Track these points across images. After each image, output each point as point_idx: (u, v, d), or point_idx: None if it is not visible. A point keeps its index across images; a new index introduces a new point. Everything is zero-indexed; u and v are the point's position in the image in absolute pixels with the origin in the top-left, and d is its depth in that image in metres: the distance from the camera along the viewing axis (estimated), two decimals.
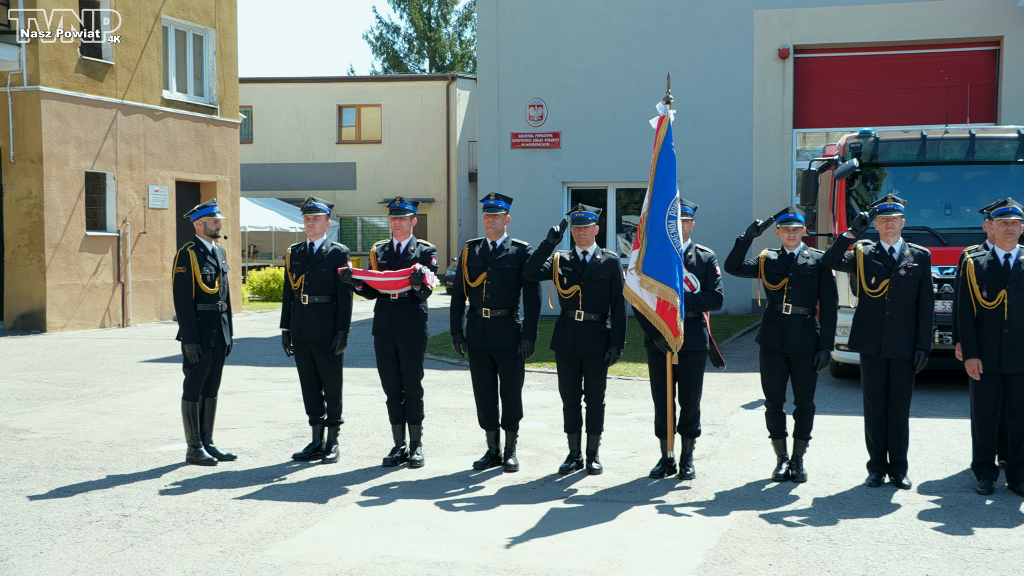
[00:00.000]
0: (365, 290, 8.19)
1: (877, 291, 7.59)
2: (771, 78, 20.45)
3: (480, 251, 8.05)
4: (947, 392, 11.41)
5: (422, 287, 7.93)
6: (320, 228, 8.46)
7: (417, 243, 8.30)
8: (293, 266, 8.48)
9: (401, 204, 8.27)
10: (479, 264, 8.00)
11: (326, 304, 8.36)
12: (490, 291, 7.96)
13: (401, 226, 8.24)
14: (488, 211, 8.02)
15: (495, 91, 21.36)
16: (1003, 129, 12.77)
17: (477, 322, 8.00)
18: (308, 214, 8.46)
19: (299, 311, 8.39)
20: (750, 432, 9.47)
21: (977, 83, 19.43)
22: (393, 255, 8.24)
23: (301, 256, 8.48)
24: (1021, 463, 7.35)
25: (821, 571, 5.70)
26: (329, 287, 8.34)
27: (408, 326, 8.16)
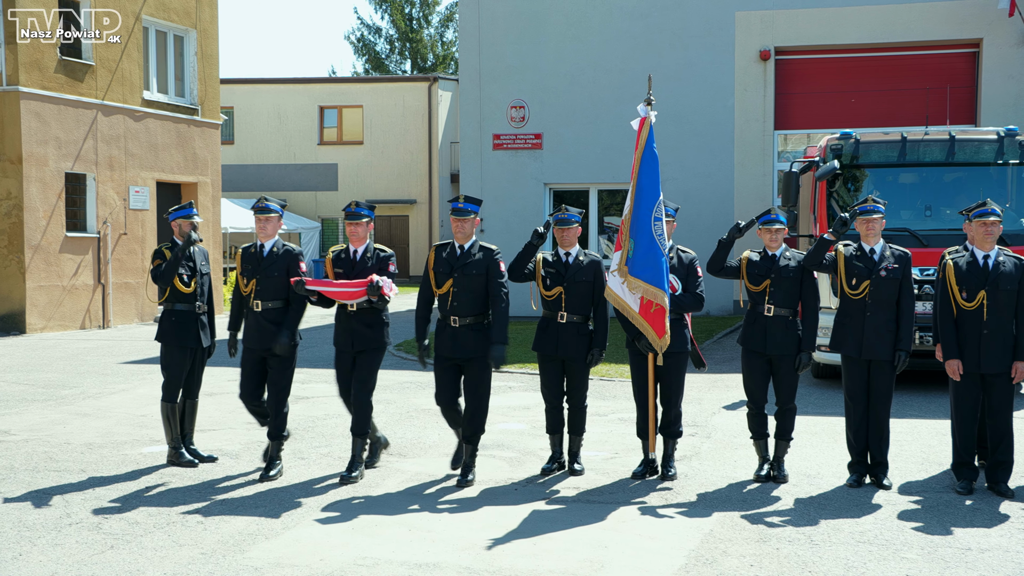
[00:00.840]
0: (320, 300, 7.78)
1: (858, 292, 7.62)
2: (752, 80, 20.51)
3: (447, 256, 7.68)
4: (928, 393, 11.47)
5: (379, 298, 7.56)
6: (272, 230, 7.97)
7: (375, 249, 7.86)
8: (244, 270, 8.02)
9: (357, 209, 7.77)
10: (446, 270, 7.65)
11: (280, 310, 7.93)
12: (457, 298, 7.61)
13: (357, 232, 7.75)
14: (457, 215, 7.63)
15: (477, 92, 21.36)
16: (983, 131, 12.85)
17: (446, 331, 7.66)
18: (260, 215, 7.97)
19: (251, 318, 7.96)
20: (732, 433, 9.49)
21: (957, 85, 19.55)
22: (349, 262, 7.80)
23: (252, 259, 8.03)
24: (1001, 463, 7.40)
25: (802, 571, 5.72)
26: (282, 291, 7.92)
27: (367, 337, 7.76)
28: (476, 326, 7.62)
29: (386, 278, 7.60)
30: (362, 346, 7.75)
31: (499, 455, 8.66)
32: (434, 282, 7.72)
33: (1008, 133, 12.01)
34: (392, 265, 7.79)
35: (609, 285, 7.76)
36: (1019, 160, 11.90)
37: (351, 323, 7.74)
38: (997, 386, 7.39)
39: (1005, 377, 7.37)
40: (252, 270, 7.96)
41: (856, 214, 7.71)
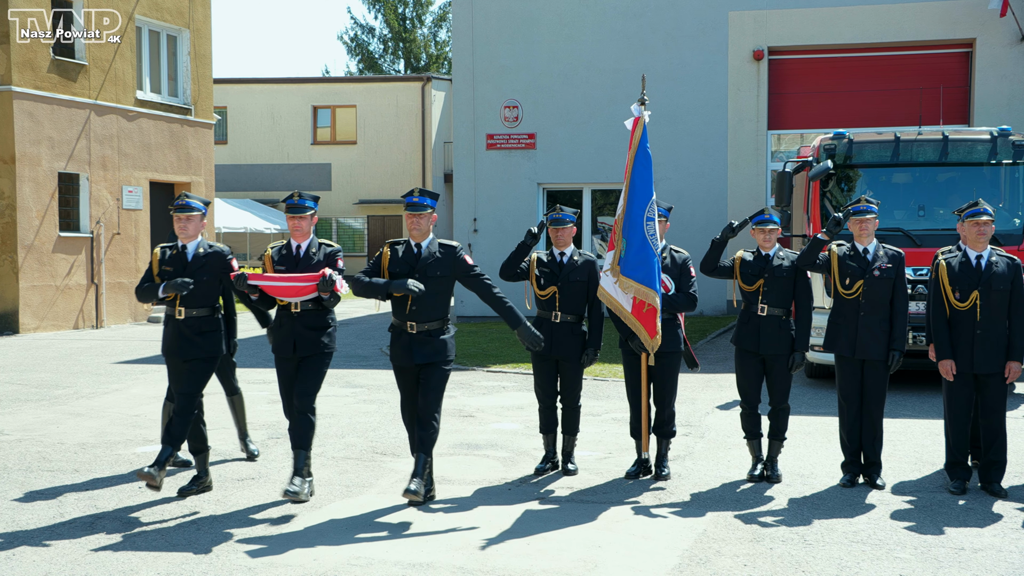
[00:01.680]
0: (262, 298, 7.10)
1: (851, 292, 7.63)
2: (746, 80, 20.53)
3: (404, 254, 7.05)
4: (921, 393, 11.49)
5: (331, 294, 6.96)
6: (194, 230, 7.32)
7: (320, 244, 7.26)
8: (163, 272, 7.29)
9: (300, 200, 7.14)
10: (404, 271, 6.99)
11: (206, 318, 7.28)
12: (417, 302, 6.97)
13: (300, 226, 7.14)
14: (412, 210, 7.00)
15: (470, 92, 21.36)
16: (976, 131, 12.88)
17: (401, 338, 7.02)
18: (180, 213, 7.27)
19: (172, 326, 7.26)
20: (725, 433, 9.50)
21: (950, 85, 19.59)
22: (292, 259, 7.16)
23: (174, 261, 7.31)
24: (994, 463, 7.41)
25: (795, 571, 5.73)
26: (209, 297, 7.29)
27: (312, 341, 7.10)
28: (437, 331, 7.02)
29: (336, 273, 7.00)
30: (307, 351, 7.07)
31: (492, 455, 8.66)
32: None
33: (1001, 133, 12.03)
34: (340, 261, 7.21)
35: (602, 285, 7.76)
36: (1012, 160, 11.92)
37: (294, 326, 7.07)
38: (990, 386, 7.40)
39: (998, 377, 7.38)
40: (174, 274, 7.26)
41: (849, 214, 7.72)
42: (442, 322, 7.05)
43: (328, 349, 7.16)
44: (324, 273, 6.88)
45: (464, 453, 8.75)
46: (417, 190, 7.02)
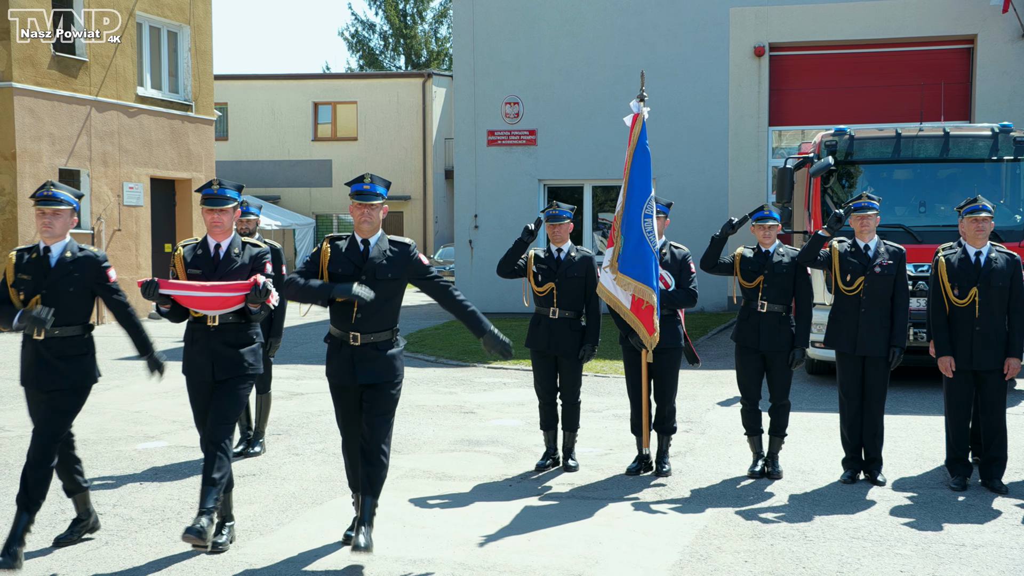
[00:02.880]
0: (173, 310, 5.85)
1: (852, 288, 7.63)
2: (746, 76, 20.51)
3: (348, 252, 5.89)
4: (921, 389, 11.49)
5: (262, 306, 5.83)
6: (61, 228, 5.89)
7: (243, 244, 6.06)
8: (19, 281, 5.87)
9: (220, 191, 5.92)
10: (348, 271, 5.84)
11: (73, 339, 5.95)
12: (363, 310, 5.82)
13: (221, 221, 5.92)
14: (361, 199, 5.81)
15: (471, 88, 21.33)
16: (977, 127, 12.86)
17: (342, 351, 5.86)
18: (43, 206, 5.80)
19: (30, 349, 5.95)
20: (726, 429, 9.50)
21: (951, 81, 19.57)
22: (209, 261, 5.95)
23: (32, 268, 5.86)
24: (994, 459, 7.41)
25: (796, 568, 5.73)
26: (78, 313, 5.96)
27: (234, 361, 5.90)
28: (384, 344, 5.88)
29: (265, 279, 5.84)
30: (227, 372, 5.89)
31: (493, 451, 8.66)
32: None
33: (1002, 129, 12.02)
34: (269, 265, 6.06)
35: (601, 281, 7.76)
36: (1013, 156, 11.91)
37: (211, 342, 5.86)
38: (990, 382, 7.40)
39: (998, 374, 7.38)
40: (32, 284, 5.87)
41: (851, 210, 7.72)
42: (391, 333, 5.93)
43: (253, 370, 5.96)
44: (256, 281, 5.72)
45: (465, 449, 8.76)
46: (368, 176, 5.84)
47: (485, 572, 5.68)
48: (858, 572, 5.64)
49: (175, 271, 5.94)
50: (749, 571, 5.68)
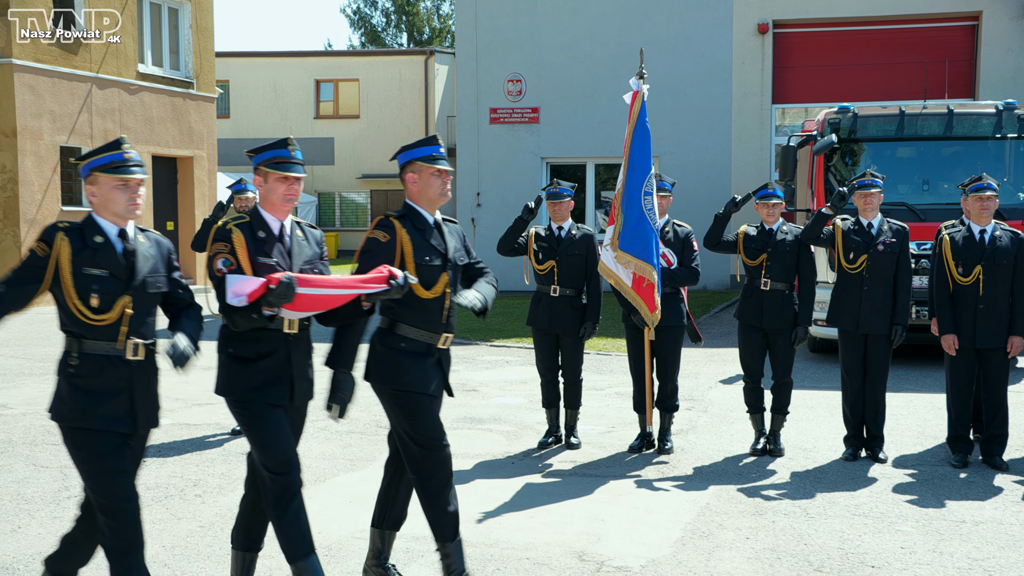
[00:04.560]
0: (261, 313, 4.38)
1: (855, 266, 7.62)
2: (750, 53, 20.43)
3: (265, 236, 4.57)
4: (923, 367, 11.49)
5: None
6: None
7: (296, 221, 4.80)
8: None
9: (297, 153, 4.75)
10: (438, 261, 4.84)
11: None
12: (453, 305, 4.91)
13: (297, 192, 4.68)
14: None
15: (473, 66, 21.26)
16: (981, 105, 12.82)
17: (431, 355, 4.89)
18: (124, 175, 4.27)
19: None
20: (728, 407, 9.51)
21: (956, 58, 19.49)
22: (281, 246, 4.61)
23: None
24: (995, 437, 7.42)
25: (798, 544, 5.75)
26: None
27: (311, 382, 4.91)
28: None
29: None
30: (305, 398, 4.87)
31: (496, 429, 8.68)
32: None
33: (1007, 107, 11.99)
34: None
35: (602, 259, 7.75)
36: (1017, 134, 11.88)
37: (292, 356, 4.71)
38: (992, 360, 7.41)
39: (1000, 352, 7.38)
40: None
41: (854, 188, 7.70)
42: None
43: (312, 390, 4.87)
44: (393, 273, 4.55)
45: (468, 427, 8.77)
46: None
47: (488, 549, 5.70)
48: (859, 548, 5.66)
49: (232, 259, 4.46)
50: (751, 547, 5.69)
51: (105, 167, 4.24)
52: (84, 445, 4.31)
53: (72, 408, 4.32)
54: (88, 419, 4.28)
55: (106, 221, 4.29)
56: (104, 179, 4.24)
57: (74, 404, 4.31)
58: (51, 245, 4.17)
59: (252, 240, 4.52)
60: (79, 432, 4.33)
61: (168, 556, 5.59)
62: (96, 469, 4.30)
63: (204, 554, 5.61)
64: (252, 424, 4.60)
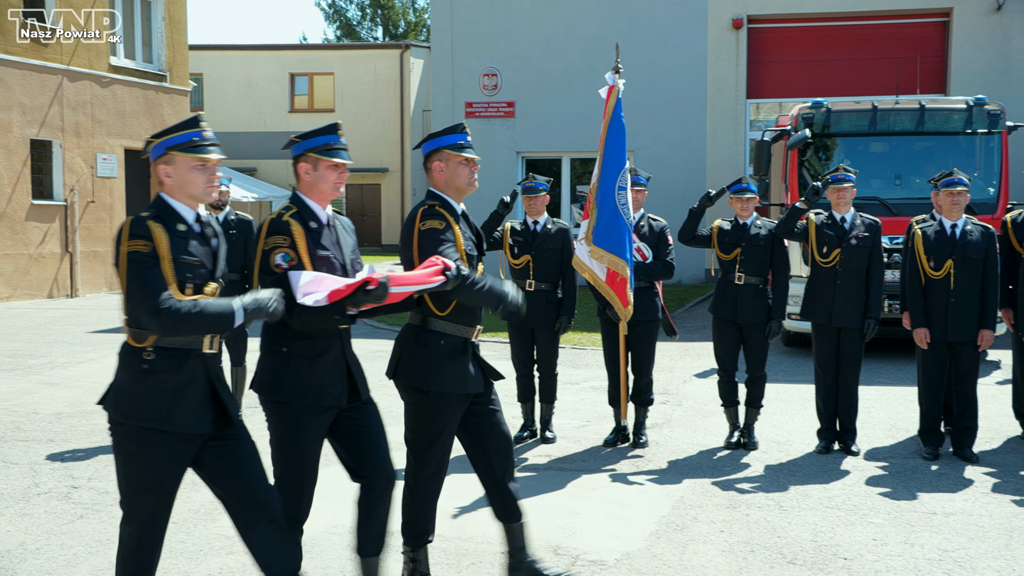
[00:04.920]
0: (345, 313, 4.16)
1: (828, 260, 7.66)
2: (725, 48, 20.50)
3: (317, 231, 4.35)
4: (896, 360, 11.57)
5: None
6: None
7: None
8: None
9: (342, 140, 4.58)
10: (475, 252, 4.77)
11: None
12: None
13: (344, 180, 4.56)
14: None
15: (449, 60, 21.22)
16: (952, 100, 12.91)
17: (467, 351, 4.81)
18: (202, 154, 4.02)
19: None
20: (703, 401, 9.55)
21: (928, 54, 19.63)
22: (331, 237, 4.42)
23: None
24: (965, 429, 7.49)
25: (771, 537, 5.78)
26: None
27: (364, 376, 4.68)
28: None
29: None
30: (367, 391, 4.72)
31: None
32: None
33: (977, 102, 12.07)
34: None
35: (577, 254, 7.75)
36: (987, 129, 11.97)
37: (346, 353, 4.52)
38: (963, 354, 7.47)
39: (971, 345, 7.44)
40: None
41: (827, 183, 7.74)
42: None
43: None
44: (447, 264, 4.36)
45: None
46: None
47: (463, 543, 5.69)
48: (832, 540, 5.69)
49: (293, 253, 4.21)
50: (725, 540, 5.72)
51: (183, 146, 3.98)
52: (138, 447, 3.91)
53: (146, 407, 3.88)
54: (164, 420, 3.88)
55: (181, 204, 3.98)
56: (181, 159, 3.96)
57: (150, 403, 3.88)
58: (150, 238, 3.81)
59: (307, 232, 4.29)
60: (149, 435, 3.91)
61: None
62: (142, 478, 3.92)
63: (177, 550, 5.57)
64: (291, 429, 4.34)
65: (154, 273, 3.79)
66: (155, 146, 4.05)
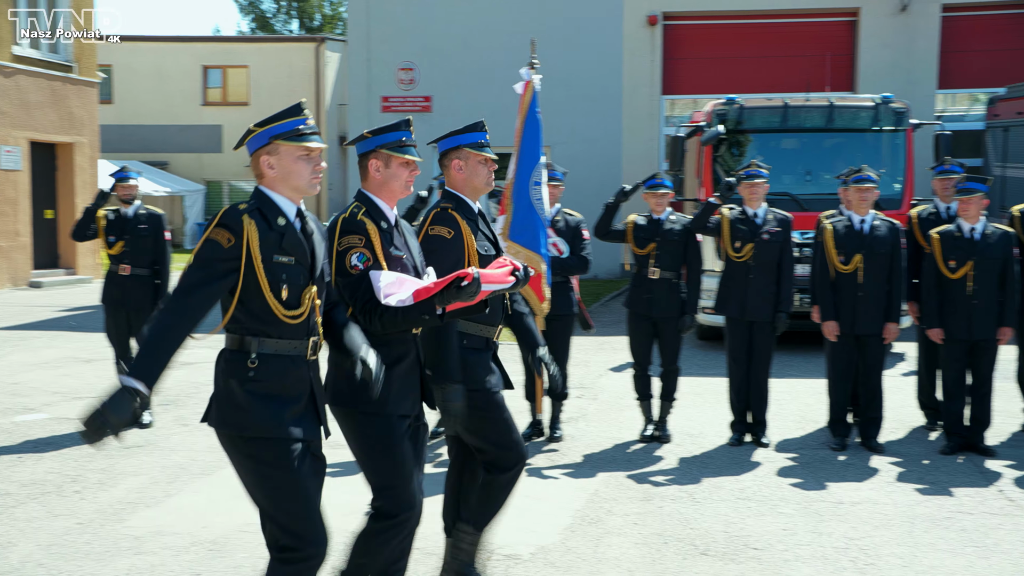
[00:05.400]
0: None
1: (741, 255, 7.77)
2: (640, 45, 20.66)
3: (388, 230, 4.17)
4: (806, 353, 11.79)
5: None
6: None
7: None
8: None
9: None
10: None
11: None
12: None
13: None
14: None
15: (365, 54, 21.06)
16: (861, 98, 13.19)
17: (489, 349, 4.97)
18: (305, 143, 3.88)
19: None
20: (618, 394, 9.62)
21: (837, 53, 20.02)
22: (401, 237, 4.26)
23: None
24: (872, 420, 7.67)
25: (684, 529, 5.84)
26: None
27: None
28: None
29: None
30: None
31: None
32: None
33: (884, 100, 12.36)
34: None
35: None
36: (893, 127, 12.25)
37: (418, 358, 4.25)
38: (870, 346, 7.63)
39: (878, 338, 7.61)
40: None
41: (741, 179, 7.85)
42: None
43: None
44: (516, 265, 4.08)
45: None
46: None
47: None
48: (743, 531, 5.78)
49: (368, 253, 4.02)
50: (639, 533, 5.76)
51: (288, 134, 3.70)
52: (270, 459, 3.62)
53: (254, 417, 3.60)
54: (273, 428, 3.60)
55: (283, 198, 3.71)
56: (286, 148, 3.69)
57: (258, 413, 3.60)
58: (239, 232, 3.52)
59: (380, 231, 4.08)
60: (262, 444, 3.61)
61: (44, 555, 5.40)
62: (277, 482, 3.65)
63: (83, 552, 5.44)
64: (378, 442, 4.08)
65: (204, 270, 3.51)
66: (256, 136, 3.75)
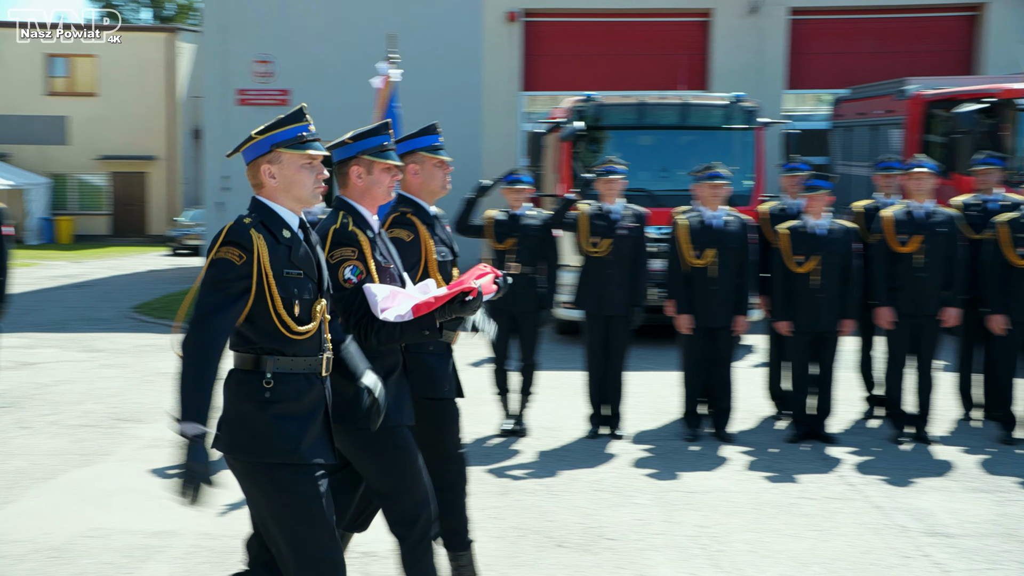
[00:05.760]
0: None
1: (598, 250, 7.87)
2: (500, 41, 20.75)
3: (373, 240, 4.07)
4: (660, 346, 12.02)
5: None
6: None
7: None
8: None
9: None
10: (450, 257, 4.79)
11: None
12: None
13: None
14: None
15: (220, 45, 20.53)
16: (714, 97, 13.52)
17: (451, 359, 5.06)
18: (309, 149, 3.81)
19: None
20: (476, 389, 9.57)
21: (692, 52, 20.52)
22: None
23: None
24: (723, 411, 7.87)
25: (541, 521, 5.89)
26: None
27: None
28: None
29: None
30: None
31: None
32: None
33: (736, 99, 12.70)
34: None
35: None
36: (744, 125, 12.61)
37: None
38: (722, 339, 7.84)
39: (728, 330, 7.82)
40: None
41: (597, 175, 7.96)
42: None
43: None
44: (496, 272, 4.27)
45: None
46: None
47: (230, 540, 5.52)
48: (598, 523, 5.86)
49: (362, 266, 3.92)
50: (496, 527, 5.79)
51: (291, 142, 3.56)
52: (294, 486, 3.39)
53: (277, 441, 3.38)
54: (292, 452, 3.38)
55: (284, 209, 3.51)
56: (289, 157, 3.54)
57: (279, 437, 3.37)
58: (250, 248, 3.30)
59: (370, 242, 3.92)
60: (286, 470, 3.39)
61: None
62: (299, 511, 3.41)
63: None
64: (393, 453, 3.98)
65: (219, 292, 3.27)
66: (257, 143, 3.58)
